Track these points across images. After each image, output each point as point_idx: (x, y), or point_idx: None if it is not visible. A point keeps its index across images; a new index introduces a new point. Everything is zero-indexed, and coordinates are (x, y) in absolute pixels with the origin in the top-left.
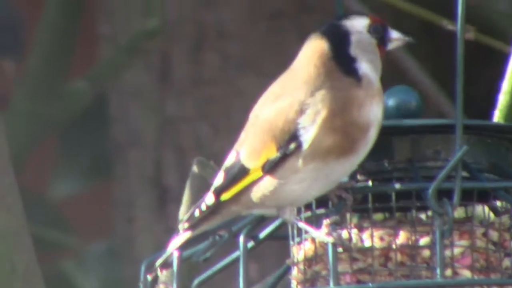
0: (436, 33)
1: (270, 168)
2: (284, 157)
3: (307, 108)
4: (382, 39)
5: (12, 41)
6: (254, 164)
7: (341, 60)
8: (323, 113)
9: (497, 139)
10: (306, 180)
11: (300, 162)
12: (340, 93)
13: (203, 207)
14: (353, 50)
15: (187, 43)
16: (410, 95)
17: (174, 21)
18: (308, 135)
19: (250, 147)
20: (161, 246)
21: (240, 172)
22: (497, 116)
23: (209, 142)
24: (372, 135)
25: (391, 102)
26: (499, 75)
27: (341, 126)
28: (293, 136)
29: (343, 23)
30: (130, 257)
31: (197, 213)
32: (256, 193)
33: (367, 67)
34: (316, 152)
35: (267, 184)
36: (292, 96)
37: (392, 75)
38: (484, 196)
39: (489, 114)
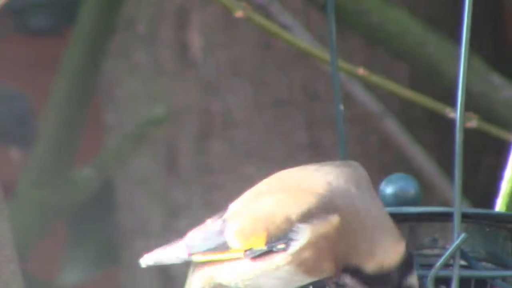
0: (442, 121)
1: (252, 256)
2: (268, 252)
3: (315, 213)
4: None
5: (21, 130)
6: (237, 245)
7: None
8: (324, 228)
9: (495, 228)
10: (282, 279)
11: (281, 261)
12: (352, 221)
13: (175, 257)
14: None
15: (193, 131)
16: (408, 183)
17: (180, 109)
18: (298, 242)
19: (239, 227)
20: None
21: (221, 246)
22: (499, 204)
23: None
24: None
25: (390, 189)
26: (504, 163)
27: (323, 249)
28: (286, 237)
29: None
30: None
31: (165, 257)
32: (231, 273)
33: None
34: (295, 259)
35: (245, 268)
36: (305, 196)
37: (396, 163)
38: (482, 286)
39: (492, 202)
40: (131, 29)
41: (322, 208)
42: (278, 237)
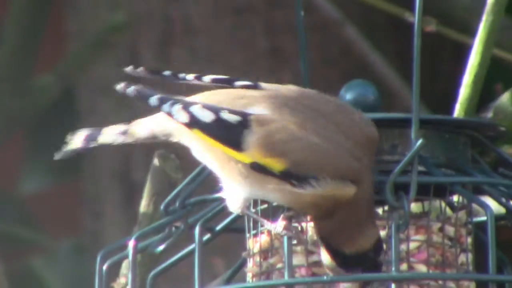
0: (403, 28)
1: (258, 170)
2: (278, 178)
3: (344, 177)
4: None
5: None
6: (251, 153)
7: None
8: (342, 191)
9: (455, 134)
10: (269, 195)
11: (284, 186)
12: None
13: (169, 110)
14: None
15: (154, 38)
16: (367, 89)
17: (142, 15)
18: (314, 189)
19: (266, 143)
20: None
21: (232, 143)
22: (458, 110)
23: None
24: None
25: (349, 95)
26: (461, 69)
27: (323, 203)
28: (304, 178)
29: None
30: (98, 253)
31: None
32: (224, 163)
33: None
34: (297, 193)
35: (242, 171)
36: (348, 157)
37: (357, 70)
38: (441, 191)
39: (451, 108)
40: None
41: (351, 177)
42: (297, 174)
